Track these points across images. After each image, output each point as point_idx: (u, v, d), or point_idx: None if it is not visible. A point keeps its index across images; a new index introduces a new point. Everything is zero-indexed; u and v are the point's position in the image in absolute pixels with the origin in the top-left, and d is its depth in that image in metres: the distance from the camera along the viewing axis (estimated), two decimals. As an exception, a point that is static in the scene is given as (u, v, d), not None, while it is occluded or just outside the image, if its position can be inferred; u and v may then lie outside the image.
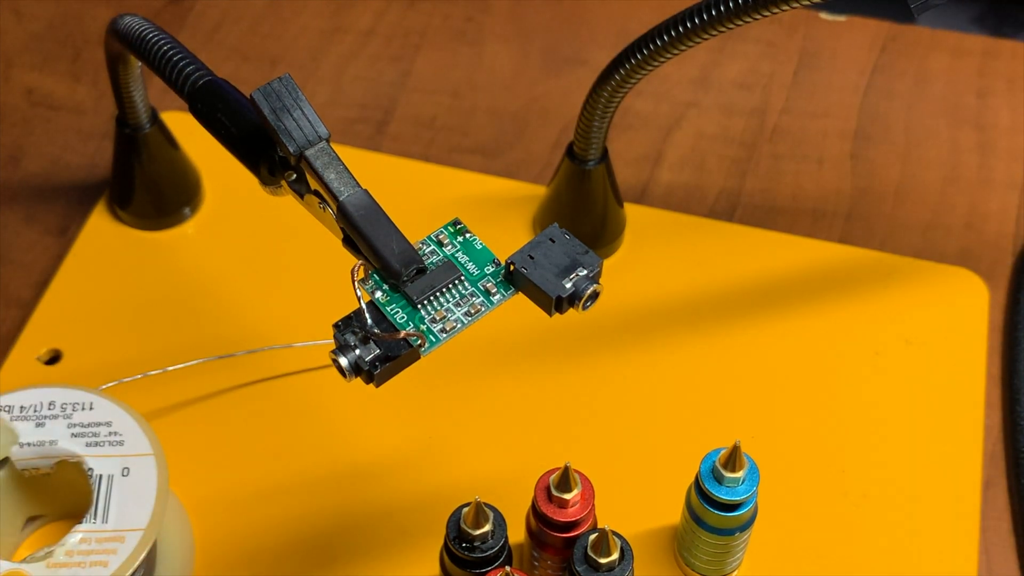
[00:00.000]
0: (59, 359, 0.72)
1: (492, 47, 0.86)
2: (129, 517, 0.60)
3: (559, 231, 0.56)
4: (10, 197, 0.80)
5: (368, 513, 0.66)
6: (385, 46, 0.86)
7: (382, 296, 0.55)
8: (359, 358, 0.53)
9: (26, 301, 0.75)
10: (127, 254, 0.76)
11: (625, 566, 0.58)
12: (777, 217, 0.78)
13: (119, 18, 0.64)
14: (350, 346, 0.53)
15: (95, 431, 0.62)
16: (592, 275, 0.55)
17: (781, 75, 0.84)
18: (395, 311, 0.54)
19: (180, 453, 0.66)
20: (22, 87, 0.85)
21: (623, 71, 0.64)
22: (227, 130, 0.59)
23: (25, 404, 0.63)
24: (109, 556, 0.59)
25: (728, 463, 0.59)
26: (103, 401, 0.63)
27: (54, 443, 0.62)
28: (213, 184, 0.78)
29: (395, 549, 0.65)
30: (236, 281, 0.75)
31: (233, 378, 0.71)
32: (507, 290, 0.55)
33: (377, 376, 0.53)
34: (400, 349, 0.53)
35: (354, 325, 0.54)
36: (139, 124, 0.73)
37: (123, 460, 0.61)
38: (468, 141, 0.82)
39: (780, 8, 0.57)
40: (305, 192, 0.57)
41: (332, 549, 0.65)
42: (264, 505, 0.67)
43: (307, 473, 0.68)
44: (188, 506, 0.66)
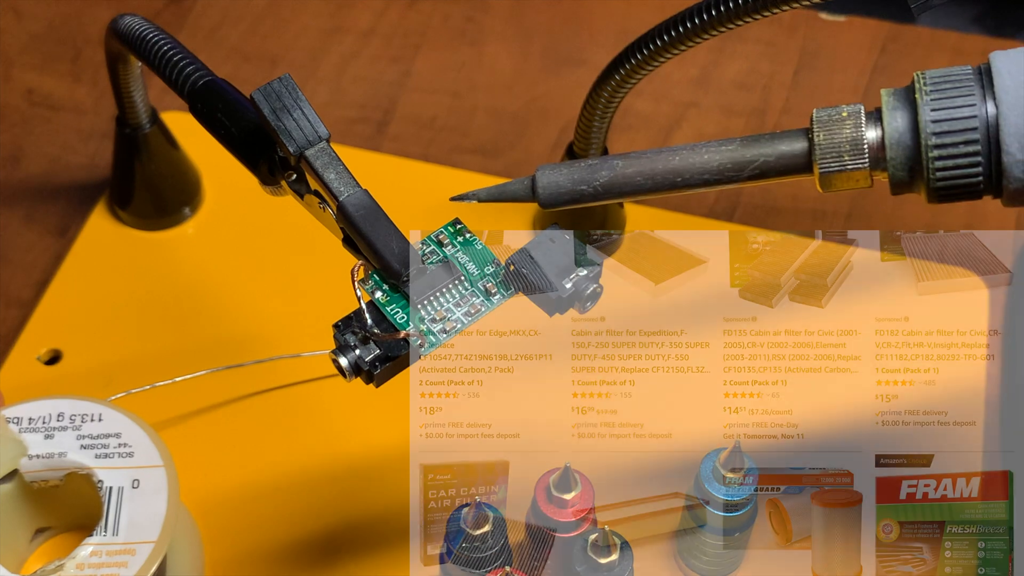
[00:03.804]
0: (59, 359, 0.72)
1: (492, 47, 0.86)
2: (140, 529, 0.60)
3: (559, 231, 0.56)
4: (10, 197, 0.80)
5: (374, 515, 0.67)
6: (385, 46, 0.86)
7: (382, 296, 0.55)
8: (359, 358, 0.53)
9: (26, 301, 0.75)
10: (127, 254, 0.76)
11: (625, 566, 0.58)
12: (777, 217, 0.78)
13: (119, 18, 0.64)
14: (350, 346, 0.53)
15: (104, 442, 0.62)
16: (592, 275, 0.55)
17: (781, 75, 0.84)
18: (395, 311, 0.54)
19: (188, 462, 0.66)
20: (22, 87, 0.85)
21: (623, 71, 0.64)
22: (227, 130, 0.59)
23: (34, 416, 0.63)
24: (120, 569, 0.59)
25: (728, 463, 0.59)
26: (112, 412, 0.63)
27: (63, 455, 0.62)
28: (213, 184, 0.78)
29: (395, 549, 0.65)
30: (236, 281, 0.75)
31: (237, 385, 0.71)
32: (507, 290, 0.55)
33: (377, 376, 0.53)
34: (400, 349, 0.53)
35: (354, 325, 0.54)
36: (139, 124, 0.73)
37: (133, 472, 0.61)
38: (468, 141, 0.82)
39: (780, 8, 0.57)
40: (305, 192, 0.57)
41: (339, 555, 0.65)
42: (272, 514, 0.67)
43: (314, 481, 0.68)
44: (196, 516, 0.66)
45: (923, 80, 0.50)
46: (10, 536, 0.64)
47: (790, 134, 0.52)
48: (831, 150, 0.51)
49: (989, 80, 0.49)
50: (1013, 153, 0.49)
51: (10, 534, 0.64)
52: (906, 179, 0.51)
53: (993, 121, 0.49)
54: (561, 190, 0.54)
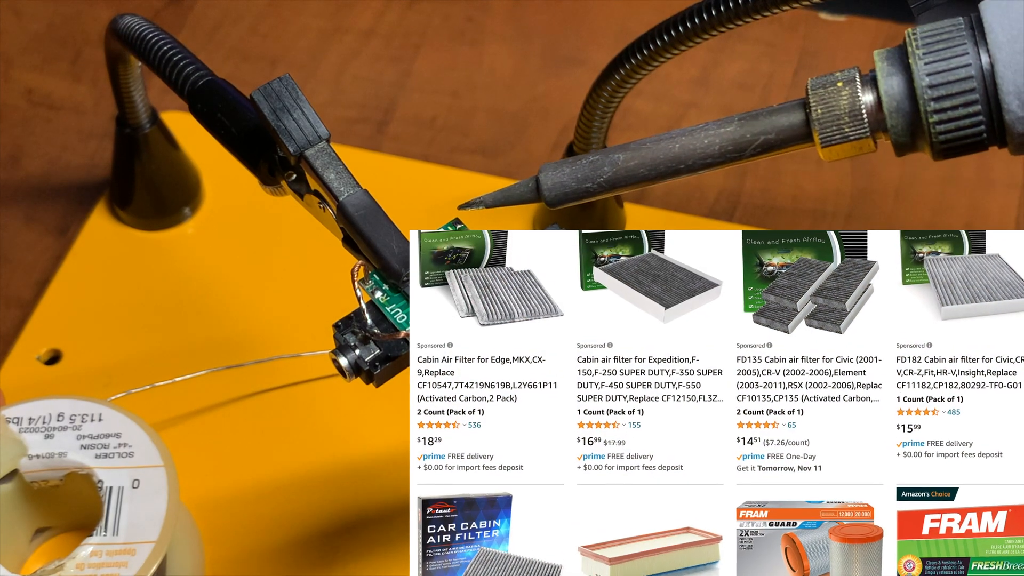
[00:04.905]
0: (59, 359, 0.72)
1: (492, 47, 0.86)
2: (140, 529, 0.60)
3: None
4: (10, 197, 0.80)
5: (374, 515, 0.66)
6: (385, 46, 0.86)
7: (382, 296, 0.55)
8: (359, 358, 0.53)
9: (26, 301, 0.75)
10: (127, 254, 0.76)
11: None
12: (777, 217, 0.78)
13: (119, 18, 0.64)
14: (350, 346, 0.53)
15: (104, 442, 0.62)
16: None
17: (781, 75, 0.84)
18: (395, 311, 0.54)
19: (188, 462, 0.66)
20: (22, 87, 0.85)
21: (623, 71, 0.64)
22: (227, 130, 0.59)
23: (34, 416, 0.63)
24: (120, 569, 0.59)
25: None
26: (112, 412, 0.63)
27: (63, 455, 0.62)
28: (213, 184, 0.78)
29: (395, 549, 0.65)
30: (236, 281, 0.75)
31: (237, 385, 0.71)
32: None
33: (377, 376, 0.53)
34: (400, 349, 0.53)
35: (354, 325, 0.54)
36: (139, 124, 0.73)
37: (133, 472, 0.61)
38: (468, 141, 0.82)
39: (780, 8, 0.57)
40: (305, 192, 0.57)
41: (339, 555, 0.65)
42: (272, 514, 0.67)
43: (314, 481, 0.68)
44: (196, 516, 0.66)
45: (915, 38, 0.50)
46: (10, 536, 0.64)
47: (787, 107, 0.52)
48: (830, 122, 0.51)
49: (981, 30, 0.49)
50: (1014, 111, 0.49)
51: (10, 534, 0.64)
52: (909, 142, 0.50)
53: (989, 71, 0.48)
54: (567, 189, 0.54)
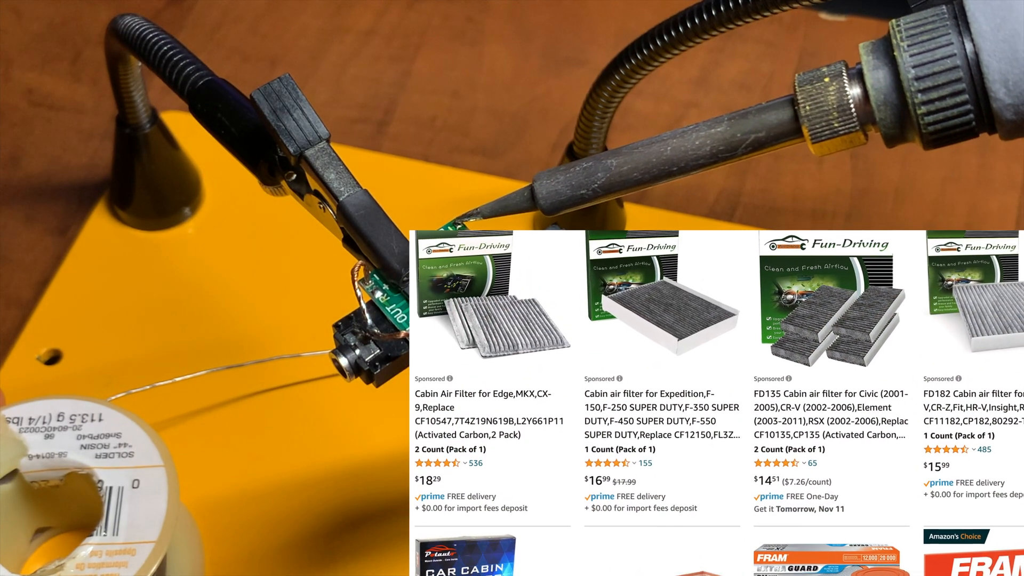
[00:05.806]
0: (59, 359, 0.72)
1: (492, 47, 0.86)
2: (140, 529, 0.60)
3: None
4: (10, 197, 0.80)
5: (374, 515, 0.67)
6: (385, 46, 0.86)
7: (382, 296, 0.55)
8: (359, 358, 0.53)
9: (26, 301, 0.75)
10: (127, 254, 0.76)
11: None
12: (777, 217, 0.78)
13: (119, 18, 0.64)
14: (350, 346, 0.53)
15: (105, 442, 0.62)
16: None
17: (781, 75, 0.84)
18: (395, 311, 0.54)
19: (188, 462, 0.66)
20: (22, 87, 0.85)
21: (623, 71, 0.64)
22: (227, 130, 0.59)
23: (34, 415, 0.63)
24: (120, 569, 0.59)
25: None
26: (112, 412, 0.63)
27: (63, 455, 0.62)
28: (213, 184, 0.78)
29: (395, 549, 0.65)
30: (236, 281, 0.75)
31: (237, 385, 0.71)
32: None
33: (377, 376, 0.53)
34: (400, 349, 0.53)
35: (354, 325, 0.54)
36: (139, 124, 0.73)
37: (133, 472, 0.61)
38: (468, 141, 0.82)
39: (780, 8, 0.57)
40: (305, 192, 0.57)
41: (338, 555, 0.65)
42: (272, 514, 0.67)
43: (314, 481, 0.68)
44: (196, 516, 0.66)
45: (899, 29, 0.49)
46: (10, 536, 0.64)
47: (776, 105, 0.52)
48: (819, 118, 0.51)
49: (964, 19, 0.49)
50: (1001, 98, 0.49)
51: (10, 534, 0.64)
52: (899, 133, 0.50)
53: (974, 59, 0.48)
54: (562, 197, 0.54)
